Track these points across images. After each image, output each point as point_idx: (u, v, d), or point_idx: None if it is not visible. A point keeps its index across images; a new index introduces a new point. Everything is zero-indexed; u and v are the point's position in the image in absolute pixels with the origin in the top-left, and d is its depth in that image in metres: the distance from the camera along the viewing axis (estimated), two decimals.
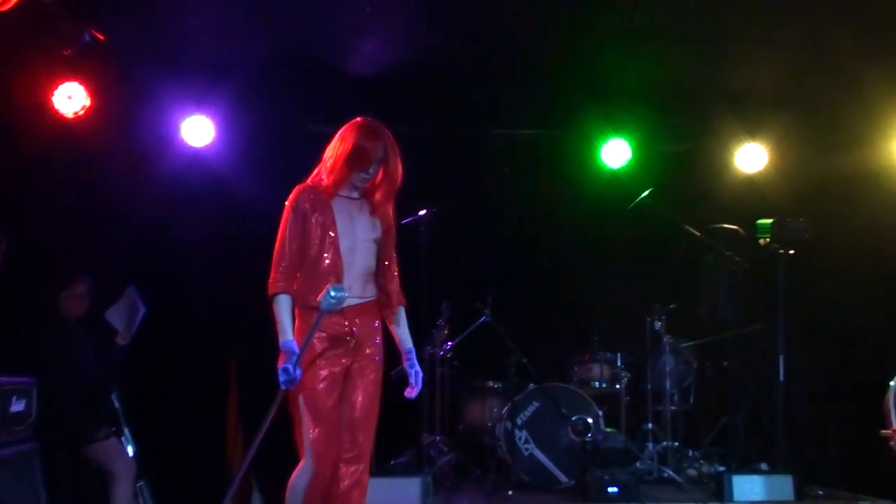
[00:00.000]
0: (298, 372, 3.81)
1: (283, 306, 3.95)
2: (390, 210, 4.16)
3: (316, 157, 4.17)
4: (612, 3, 5.99)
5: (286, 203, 4.06)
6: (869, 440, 5.18)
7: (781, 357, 6.25)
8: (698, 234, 6.75)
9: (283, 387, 3.80)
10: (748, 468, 6.39)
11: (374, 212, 4.13)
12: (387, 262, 4.19)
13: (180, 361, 6.49)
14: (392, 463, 6.59)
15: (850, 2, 5.82)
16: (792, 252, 6.30)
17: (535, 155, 7.51)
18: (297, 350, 3.85)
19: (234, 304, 6.42)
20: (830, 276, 6.82)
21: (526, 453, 6.47)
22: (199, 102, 6.62)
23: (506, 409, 6.57)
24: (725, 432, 7.11)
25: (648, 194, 6.62)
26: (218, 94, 6.55)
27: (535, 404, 6.53)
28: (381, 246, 4.15)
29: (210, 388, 6.67)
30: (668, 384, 6.80)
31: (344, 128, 4.07)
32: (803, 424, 6.82)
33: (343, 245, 4.02)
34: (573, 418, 6.46)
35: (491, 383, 6.93)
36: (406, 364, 4.19)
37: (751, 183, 7.32)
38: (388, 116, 6.60)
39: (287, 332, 3.91)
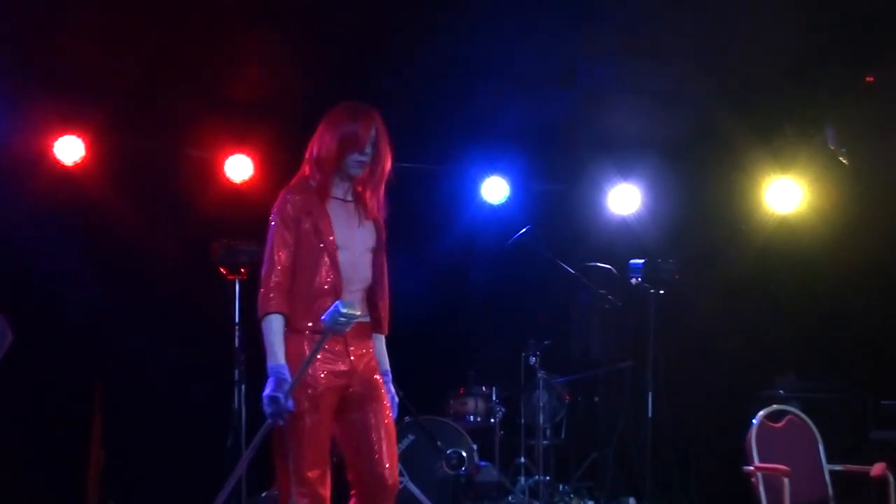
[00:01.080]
0: (290, 403, 3.35)
1: (274, 326, 3.47)
2: (380, 208, 3.73)
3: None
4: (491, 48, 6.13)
5: (273, 210, 3.59)
6: (732, 476, 5.36)
7: (650, 393, 6.45)
8: (573, 272, 6.91)
9: (269, 419, 3.37)
10: (616, 502, 6.53)
11: (367, 214, 3.68)
12: (380, 277, 3.72)
13: (43, 385, 6.26)
14: (264, 496, 6.45)
15: (714, 58, 6.13)
16: (662, 292, 6.53)
17: (413, 188, 7.51)
18: (289, 378, 3.37)
19: (100, 328, 6.23)
20: (698, 315, 7.10)
21: (400, 486, 6.41)
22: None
23: None
24: (595, 467, 7.26)
25: (525, 232, 6.75)
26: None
27: (410, 437, 6.52)
28: (376, 256, 3.70)
29: (72, 413, 6.43)
30: (541, 419, 6.89)
31: (327, 115, 3.65)
32: (670, 460, 7.03)
33: (342, 257, 3.54)
34: (448, 452, 6.48)
35: None
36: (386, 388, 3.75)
37: (624, 224, 7.56)
38: (261, 146, 6.70)
39: (278, 356, 3.44)
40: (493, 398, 7.07)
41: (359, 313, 3.40)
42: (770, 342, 7.12)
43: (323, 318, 3.31)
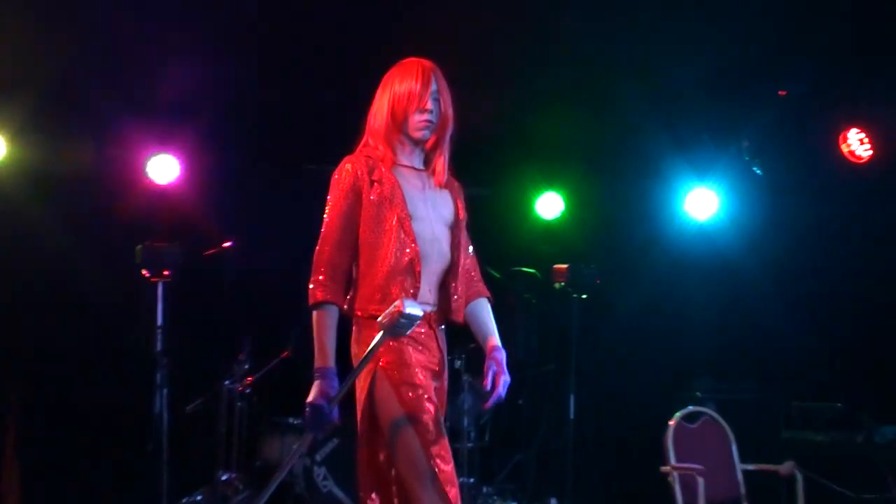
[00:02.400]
0: (335, 413, 2.94)
1: (324, 321, 3.02)
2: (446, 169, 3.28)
3: None
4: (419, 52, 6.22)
5: (334, 177, 3.18)
6: (651, 476, 5.52)
7: (572, 396, 6.59)
8: (498, 275, 7.02)
9: (308, 429, 3.00)
10: (539, 503, 6.66)
11: (439, 181, 3.24)
12: (459, 257, 3.21)
13: None
14: (184, 501, 6.42)
15: (637, 67, 6.31)
16: (584, 296, 6.68)
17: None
18: (335, 385, 2.96)
19: (19, 331, 6.13)
20: (620, 319, 7.28)
21: (325, 490, 6.47)
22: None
23: None
24: (519, 468, 7.38)
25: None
26: None
27: (335, 441, 6.55)
28: (454, 231, 3.22)
29: None
30: (465, 421, 6.97)
31: (385, 75, 3.26)
32: (591, 460, 7.19)
33: (418, 228, 3.08)
34: None
35: (291, 420, 6.86)
36: (487, 363, 3.29)
37: (548, 229, 7.71)
38: (204, 147, 6.67)
39: (327, 357, 3.01)
40: None
41: (421, 314, 2.87)
42: (688, 345, 7.35)
43: (380, 319, 2.86)
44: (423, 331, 3.07)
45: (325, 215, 3.17)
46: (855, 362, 6.82)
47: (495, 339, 3.34)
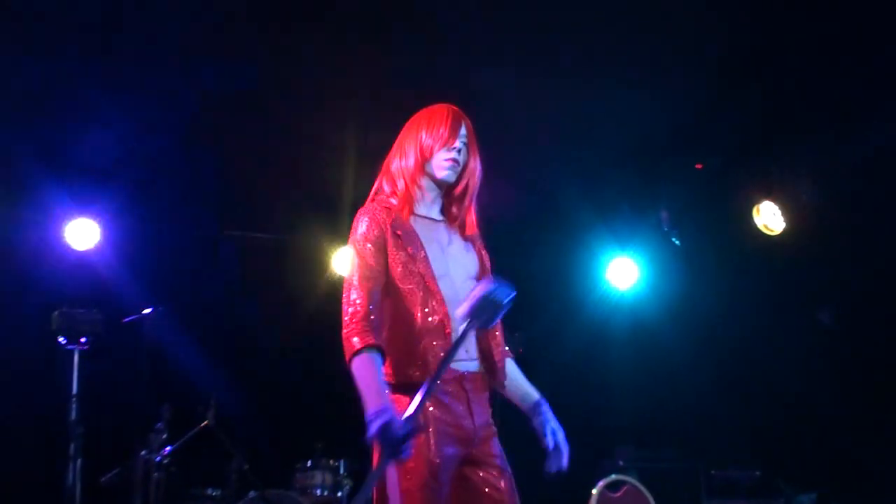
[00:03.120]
0: (410, 427, 2.61)
1: (369, 365, 2.78)
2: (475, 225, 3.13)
3: None
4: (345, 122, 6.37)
5: (353, 230, 2.98)
6: None
7: None
8: None
9: (386, 458, 2.61)
10: None
11: (465, 233, 3.10)
12: None
13: None
14: None
15: (561, 137, 6.51)
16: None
17: (268, 258, 7.64)
18: (397, 420, 2.61)
19: None
20: (543, 386, 7.32)
21: None
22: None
23: None
24: None
25: None
26: None
27: None
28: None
29: None
30: None
31: (411, 119, 3.13)
32: None
33: (444, 287, 2.92)
34: None
35: (210, 490, 6.74)
36: (537, 421, 3.14)
37: None
38: (118, 212, 6.63)
39: (382, 396, 2.71)
40: (342, 471, 7.04)
41: (513, 294, 2.75)
42: (610, 414, 7.48)
43: (458, 312, 2.74)
44: (449, 390, 2.89)
45: (350, 266, 2.97)
46: (773, 430, 6.99)
47: (537, 394, 3.18)
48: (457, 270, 3.01)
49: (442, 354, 2.81)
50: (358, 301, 2.88)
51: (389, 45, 5.68)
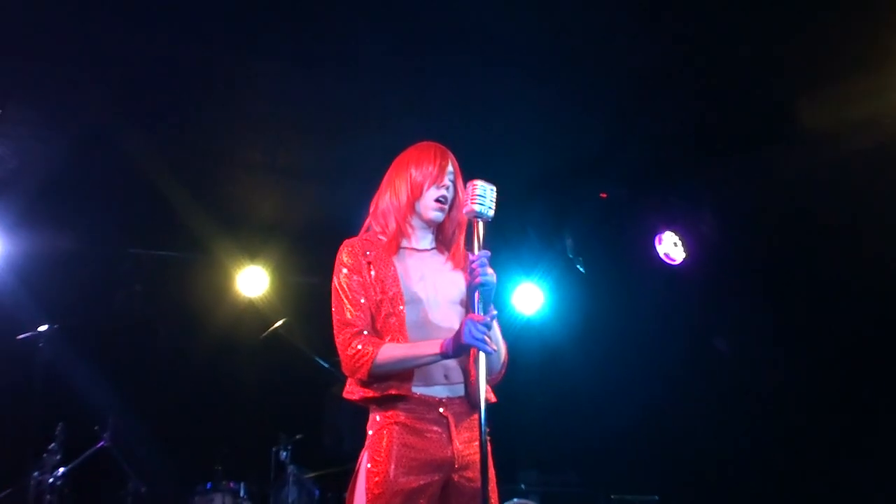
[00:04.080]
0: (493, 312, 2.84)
1: (391, 349, 2.94)
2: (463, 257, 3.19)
3: None
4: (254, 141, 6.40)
5: (338, 258, 3.11)
6: None
7: None
8: (327, 365, 7.09)
9: (480, 345, 2.80)
10: None
11: (455, 264, 3.18)
12: None
13: None
14: None
15: (467, 165, 6.62)
16: None
17: (170, 276, 7.61)
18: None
19: None
20: None
21: None
22: None
23: None
24: None
25: (282, 324, 6.88)
26: None
27: None
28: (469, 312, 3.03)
29: None
30: None
31: (399, 158, 3.26)
32: None
33: (410, 314, 3.02)
34: None
35: None
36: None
37: None
38: (13, 225, 6.51)
39: (431, 343, 2.91)
40: (242, 494, 7.00)
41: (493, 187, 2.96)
42: (513, 437, 7.50)
43: (465, 210, 2.93)
44: (428, 416, 2.98)
45: (336, 296, 3.07)
46: (672, 457, 7.17)
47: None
48: (435, 297, 3.08)
49: (408, 380, 2.95)
50: (348, 317, 3.00)
51: (301, 64, 5.73)
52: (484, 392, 2.87)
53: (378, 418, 3.01)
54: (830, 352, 6.51)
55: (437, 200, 3.14)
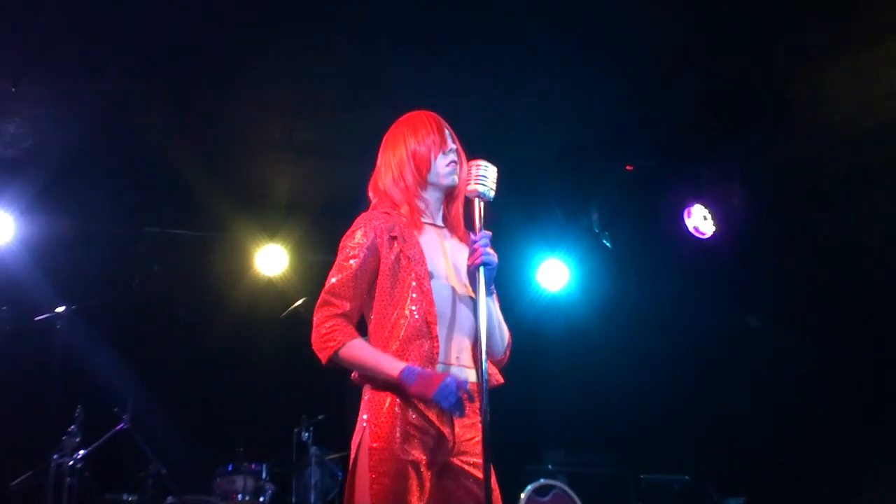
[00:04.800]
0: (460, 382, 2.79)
1: (361, 348, 2.89)
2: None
3: None
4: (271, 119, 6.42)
5: (349, 232, 3.03)
6: None
7: None
8: None
9: (454, 410, 2.82)
10: None
11: (458, 233, 3.16)
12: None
13: None
14: None
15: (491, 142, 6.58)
16: None
17: (188, 256, 7.62)
18: (428, 371, 2.82)
19: None
20: None
21: None
22: None
23: None
24: None
25: (302, 303, 6.87)
26: None
27: None
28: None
29: None
30: (312, 496, 6.95)
31: (390, 135, 3.21)
32: None
33: (435, 287, 2.95)
34: None
35: (126, 496, 6.65)
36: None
37: None
38: (29, 206, 6.53)
39: (395, 361, 2.84)
40: (263, 476, 7.02)
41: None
42: (540, 417, 7.63)
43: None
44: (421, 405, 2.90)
45: (335, 268, 3.00)
46: (703, 435, 7.15)
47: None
48: (456, 276, 3.03)
49: (431, 356, 2.88)
50: (338, 303, 2.93)
51: (318, 39, 5.70)
52: (486, 380, 2.84)
53: (373, 385, 2.94)
54: (867, 328, 6.42)
55: (450, 164, 3.12)
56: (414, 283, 2.93)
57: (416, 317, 2.90)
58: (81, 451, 6.39)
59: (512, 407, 7.43)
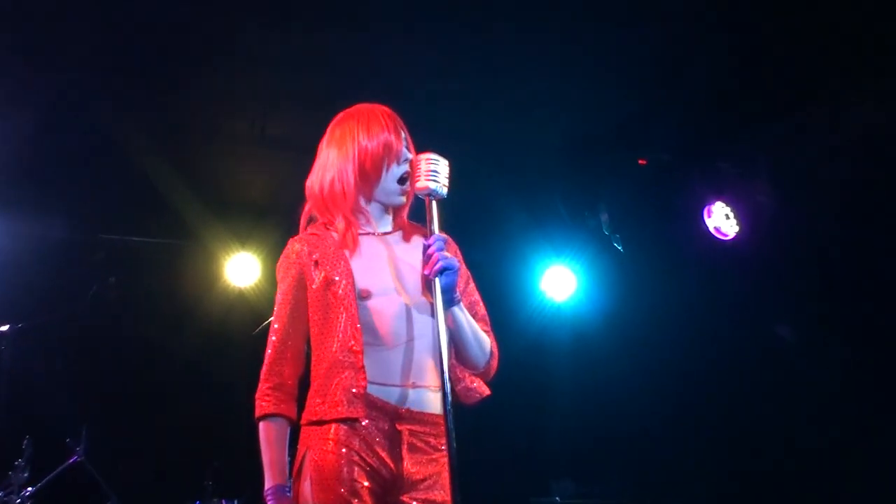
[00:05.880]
0: None
1: (271, 434, 2.93)
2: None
3: None
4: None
5: (278, 264, 3.06)
6: None
7: None
8: None
9: None
10: None
11: (407, 236, 3.10)
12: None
13: None
14: None
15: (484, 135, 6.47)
16: None
17: (149, 266, 7.52)
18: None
19: None
20: (469, 413, 7.31)
21: None
22: None
23: None
24: None
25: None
26: None
27: None
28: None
29: None
30: None
31: (334, 128, 3.08)
32: None
33: (381, 307, 2.88)
34: None
35: None
36: None
37: None
38: None
39: (277, 473, 2.90)
40: None
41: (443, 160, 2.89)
42: (546, 442, 7.51)
43: (418, 184, 2.86)
44: (380, 426, 2.84)
45: (268, 338, 3.04)
46: (722, 463, 6.98)
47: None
48: (405, 285, 2.95)
49: (353, 389, 2.80)
50: (271, 355, 2.99)
51: (289, 24, 5.57)
52: (449, 401, 2.72)
53: (318, 409, 2.86)
54: None
55: (400, 182, 3.02)
56: (341, 308, 2.86)
57: (335, 347, 2.85)
58: (30, 489, 6.24)
59: (514, 431, 7.39)
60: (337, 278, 2.88)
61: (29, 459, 6.18)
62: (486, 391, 3.06)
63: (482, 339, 3.06)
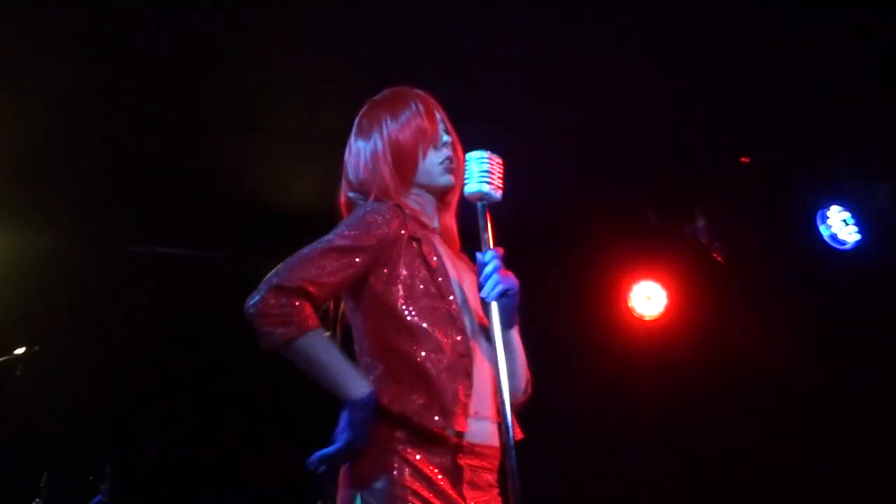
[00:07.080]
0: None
1: (322, 345, 2.66)
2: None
3: None
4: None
5: (367, 214, 2.83)
6: None
7: None
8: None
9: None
10: None
11: (456, 247, 3.07)
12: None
13: None
14: None
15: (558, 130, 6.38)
16: None
17: (185, 281, 7.45)
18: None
19: None
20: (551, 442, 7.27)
21: None
22: None
23: None
24: None
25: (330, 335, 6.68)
26: None
27: None
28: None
29: None
30: None
31: (364, 117, 3.04)
32: None
33: (466, 316, 2.83)
34: None
35: None
36: None
37: None
38: None
39: (358, 378, 2.66)
40: None
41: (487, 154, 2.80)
42: (630, 486, 7.36)
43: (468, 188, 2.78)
44: (439, 461, 2.70)
45: (324, 240, 2.82)
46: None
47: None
48: (471, 299, 2.88)
49: (467, 402, 2.69)
50: (315, 273, 2.71)
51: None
52: (511, 436, 2.64)
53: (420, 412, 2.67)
54: None
55: (445, 160, 2.97)
56: (445, 304, 2.77)
57: (454, 349, 2.73)
58: None
59: (599, 470, 7.22)
60: (441, 268, 2.83)
61: (47, 498, 6.17)
62: (520, 434, 2.83)
63: (525, 366, 3.03)
